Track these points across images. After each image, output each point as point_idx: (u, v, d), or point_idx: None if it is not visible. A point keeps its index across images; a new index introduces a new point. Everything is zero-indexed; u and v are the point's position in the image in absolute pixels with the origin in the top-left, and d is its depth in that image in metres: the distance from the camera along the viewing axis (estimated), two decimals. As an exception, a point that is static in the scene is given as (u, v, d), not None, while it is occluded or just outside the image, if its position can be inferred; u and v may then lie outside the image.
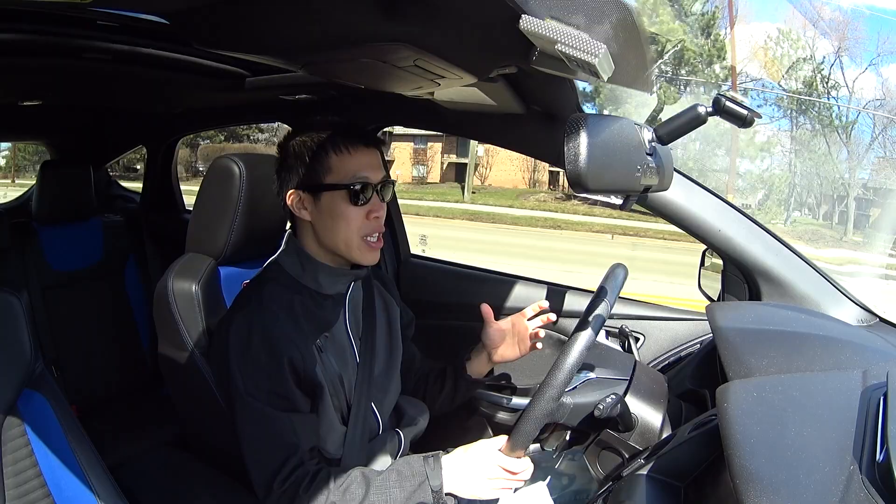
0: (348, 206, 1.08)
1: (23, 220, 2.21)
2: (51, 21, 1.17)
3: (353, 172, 1.08)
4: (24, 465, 0.93)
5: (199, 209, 1.33)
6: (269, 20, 0.80)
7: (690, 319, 1.57)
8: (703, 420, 0.96)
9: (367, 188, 1.09)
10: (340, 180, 1.08)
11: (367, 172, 1.09)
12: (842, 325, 1.20)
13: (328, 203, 1.09)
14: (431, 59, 0.88)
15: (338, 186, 1.08)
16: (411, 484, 1.02)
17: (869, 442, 0.68)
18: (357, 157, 1.09)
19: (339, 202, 1.08)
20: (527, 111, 1.32)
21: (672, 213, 1.35)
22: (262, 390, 1.04)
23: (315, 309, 1.13)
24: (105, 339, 2.27)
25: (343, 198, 1.08)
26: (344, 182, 1.08)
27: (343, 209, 1.08)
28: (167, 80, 1.61)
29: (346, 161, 1.09)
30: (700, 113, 0.91)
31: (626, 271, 1.19)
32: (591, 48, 0.60)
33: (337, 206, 1.08)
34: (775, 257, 1.33)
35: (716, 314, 1.13)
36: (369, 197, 1.09)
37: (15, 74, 1.54)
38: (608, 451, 1.17)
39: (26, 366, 0.97)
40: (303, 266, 1.14)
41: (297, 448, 1.04)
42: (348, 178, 1.08)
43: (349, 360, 1.16)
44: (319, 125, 1.11)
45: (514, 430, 1.03)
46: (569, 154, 0.76)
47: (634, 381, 1.19)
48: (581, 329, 1.04)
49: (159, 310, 1.25)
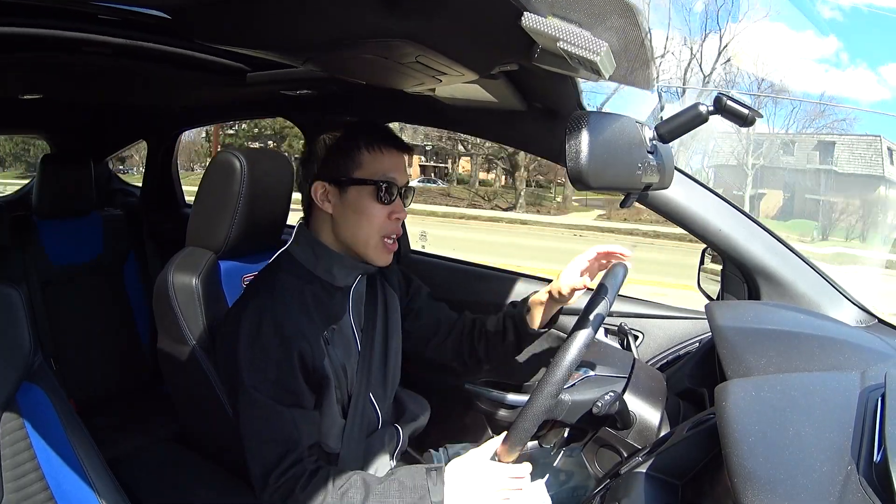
0: (374, 202, 1.11)
1: (22, 214, 2.21)
2: (51, 15, 1.17)
3: (383, 172, 1.11)
4: (22, 458, 0.93)
5: (200, 203, 1.33)
6: (271, 15, 0.80)
7: (689, 318, 1.57)
8: (701, 418, 0.96)
9: (392, 188, 1.11)
10: (370, 177, 1.11)
11: (395, 174, 1.12)
12: (841, 326, 1.20)
13: (354, 198, 1.11)
14: (433, 55, 0.88)
15: (367, 182, 1.10)
16: (412, 496, 1.00)
17: (867, 442, 0.68)
18: (388, 157, 1.12)
19: (366, 198, 1.11)
20: (528, 108, 1.32)
21: (672, 211, 1.35)
22: (268, 382, 1.04)
23: (325, 300, 1.14)
24: (104, 334, 2.26)
25: (370, 194, 1.10)
26: (373, 179, 1.10)
27: (368, 205, 1.11)
28: (168, 74, 1.61)
29: (378, 159, 1.12)
30: (701, 112, 0.92)
31: (625, 269, 1.19)
32: (593, 46, 0.60)
33: (362, 202, 1.11)
34: (775, 257, 1.33)
35: (715, 313, 1.13)
36: (394, 197, 1.12)
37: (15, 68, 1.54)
38: (606, 448, 1.17)
39: (25, 358, 0.97)
40: (316, 257, 1.15)
41: (297, 444, 1.04)
42: (377, 176, 1.11)
43: (352, 352, 1.17)
44: (353, 123, 1.15)
45: (512, 427, 1.04)
46: (570, 151, 0.76)
47: (633, 379, 1.19)
48: (580, 327, 1.04)
49: (159, 303, 1.25)
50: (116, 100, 2.31)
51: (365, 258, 1.14)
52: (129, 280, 2.37)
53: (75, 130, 2.64)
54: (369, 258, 1.14)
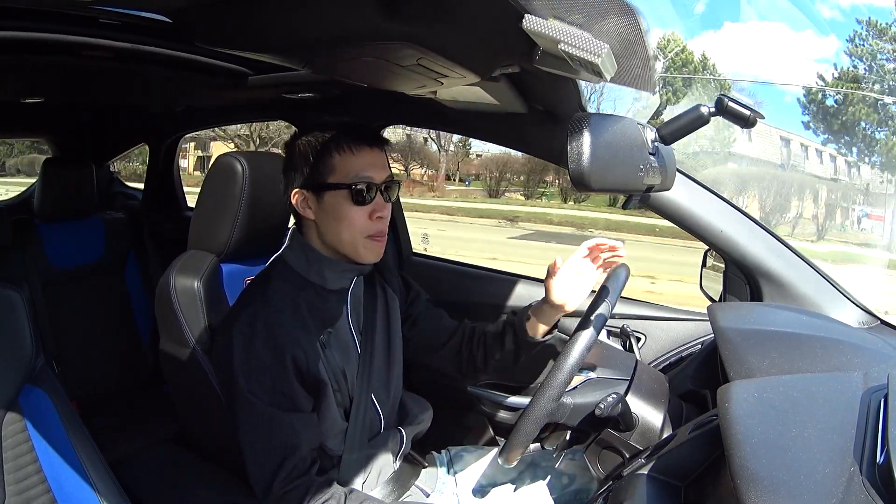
0: (351, 206, 1.08)
1: (24, 217, 2.21)
2: (53, 19, 1.17)
3: (356, 172, 1.08)
4: (24, 461, 0.93)
5: (202, 206, 1.33)
6: (272, 18, 0.80)
7: (692, 320, 1.56)
8: (703, 420, 0.96)
9: (370, 188, 1.08)
10: (343, 180, 1.08)
11: (370, 172, 1.09)
12: (843, 327, 1.19)
13: (331, 203, 1.09)
14: (435, 58, 0.88)
15: (340, 186, 1.07)
16: None
17: (869, 443, 0.68)
18: (360, 156, 1.09)
19: (342, 202, 1.08)
20: (529, 110, 1.32)
21: (674, 213, 1.35)
22: (264, 389, 1.04)
23: (320, 304, 1.13)
24: (105, 336, 2.27)
25: (345, 198, 1.08)
26: (346, 182, 1.07)
27: (346, 209, 1.08)
28: (169, 78, 1.61)
29: (349, 161, 1.08)
30: (703, 113, 0.91)
31: (627, 271, 1.19)
32: (594, 48, 0.60)
33: (340, 206, 1.08)
34: (777, 258, 1.33)
35: (717, 314, 1.13)
36: (373, 197, 1.09)
37: (17, 72, 1.54)
38: (609, 450, 1.17)
39: (27, 361, 0.97)
40: (308, 262, 1.14)
41: (296, 448, 1.04)
42: (351, 178, 1.07)
43: (351, 355, 1.16)
44: (324, 125, 1.11)
45: (514, 430, 1.04)
46: (572, 153, 0.76)
47: (635, 381, 1.19)
48: (582, 329, 1.04)
49: (161, 306, 1.25)
50: (118, 103, 2.32)
51: (355, 259, 1.13)
52: (130, 281, 2.37)
53: (77, 134, 2.65)
54: (359, 258, 1.12)
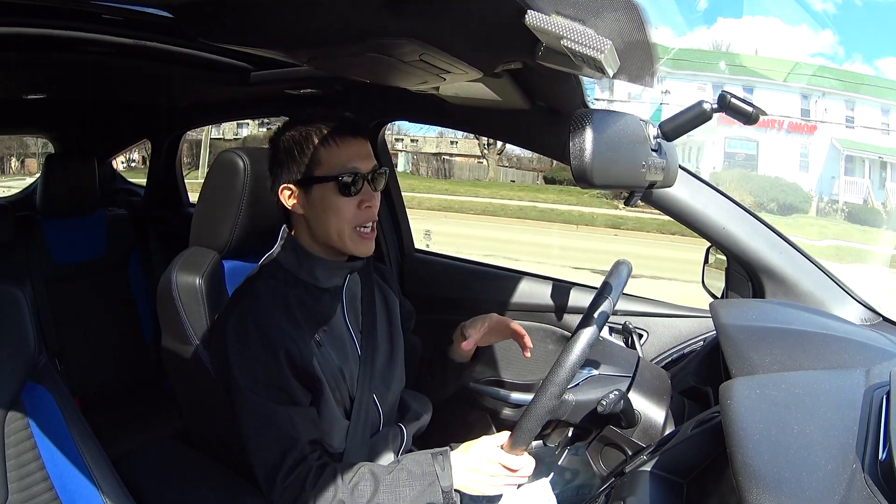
0: (339, 197, 1.08)
1: (27, 213, 2.22)
2: (55, 15, 1.17)
3: (342, 164, 1.08)
4: (27, 458, 0.93)
5: (204, 203, 1.33)
6: (275, 14, 0.80)
7: (694, 316, 1.56)
8: (705, 417, 0.96)
9: (357, 179, 1.09)
10: (329, 172, 1.08)
11: (356, 163, 1.09)
12: (845, 324, 1.19)
13: (319, 196, 1.09)
14: (437, 53, 0.88)
15: (327, 178, 1.08)
16: (421, 483, 1.02)
17: (871, 440, 0.68)
18: (345, 148, 1.09)
19: (330, 194, 1.08)
20: (532, 106, 1.32)
21: (676, 209, 1.34)
22: (260, 384, 1.04)
23: (311, 303, 1.13)
24: (108, 333, 2.27)
25: (333, 190, 1.08)
26: (333, 174, 1.08)
27: (334, 201, 1.08)
28: (171, 73, 1.61)
29: (334, 153, 1.09)
30: (705, 109, 0.91)
31: (629, 267, 1.19)
32: (597, 44, 0.60)
33: (328, 199, 1.09)
34: (779, 255, 1.33)
35: (719, 311, 1.13)
36: (360, 187, 1.09)
37: (19, 68, 1.54)
38: (611, 447, 1.17)
39: (30, 358, 0.97)
40: (299, 260, 1.14)
41: (296, 441, 1.04)
42: (337, 170, 1.08)
43: (350, 354, 1.16)
44: (307, 119, 1.11)
45: (516, 427, 1.04)
46: (574, 149, 0.76)
47: (637, 378, 1.19)
48: (584, 325, 1.04)
49: (163, 302, 1.25)
50: (120, 99, 2.32)
51: (344, 251, 1.13)
52: (133, 278, 2.38)
53: (79, 130, 2.65)
54: (349, 250, 1.12)
